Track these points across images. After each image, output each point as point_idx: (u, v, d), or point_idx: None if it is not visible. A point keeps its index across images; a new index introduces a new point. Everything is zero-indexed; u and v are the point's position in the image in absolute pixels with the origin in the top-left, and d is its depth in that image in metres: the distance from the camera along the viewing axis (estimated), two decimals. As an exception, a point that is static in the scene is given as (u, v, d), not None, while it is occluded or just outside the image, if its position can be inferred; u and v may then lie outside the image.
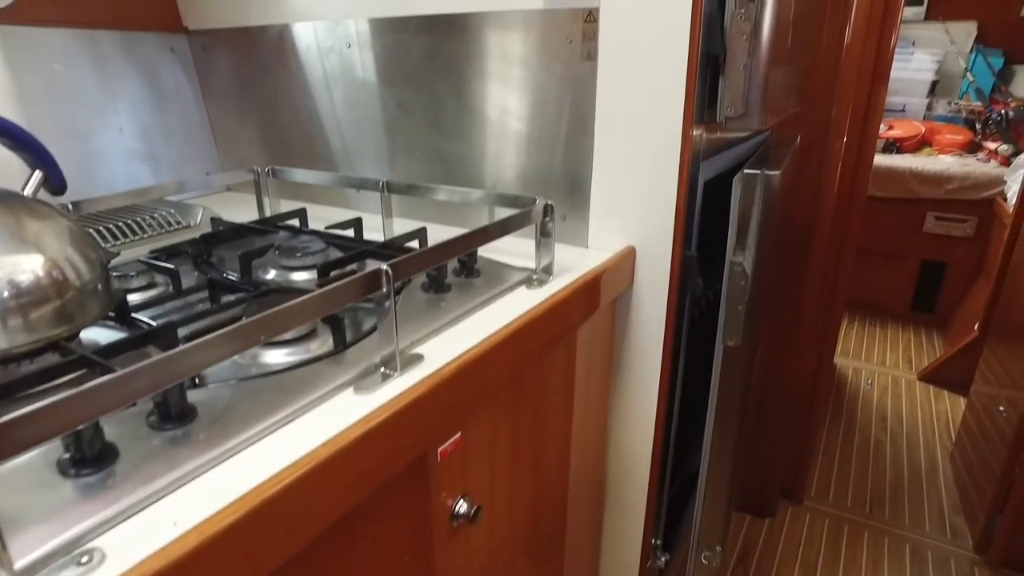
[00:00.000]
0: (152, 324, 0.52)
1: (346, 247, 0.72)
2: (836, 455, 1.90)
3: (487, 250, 0.67)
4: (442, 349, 0.52)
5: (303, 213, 0.83)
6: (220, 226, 0.80)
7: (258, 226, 0.79)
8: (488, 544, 0.64)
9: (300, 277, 0.67)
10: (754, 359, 0.92)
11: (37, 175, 0.55)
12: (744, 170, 0.74)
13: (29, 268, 0.45)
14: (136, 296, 0.62)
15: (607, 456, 0.89)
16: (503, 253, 0.72)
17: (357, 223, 0.79)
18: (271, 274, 0.68)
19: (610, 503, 0.92)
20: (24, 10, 0.86)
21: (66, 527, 0.32)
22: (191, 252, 0.71)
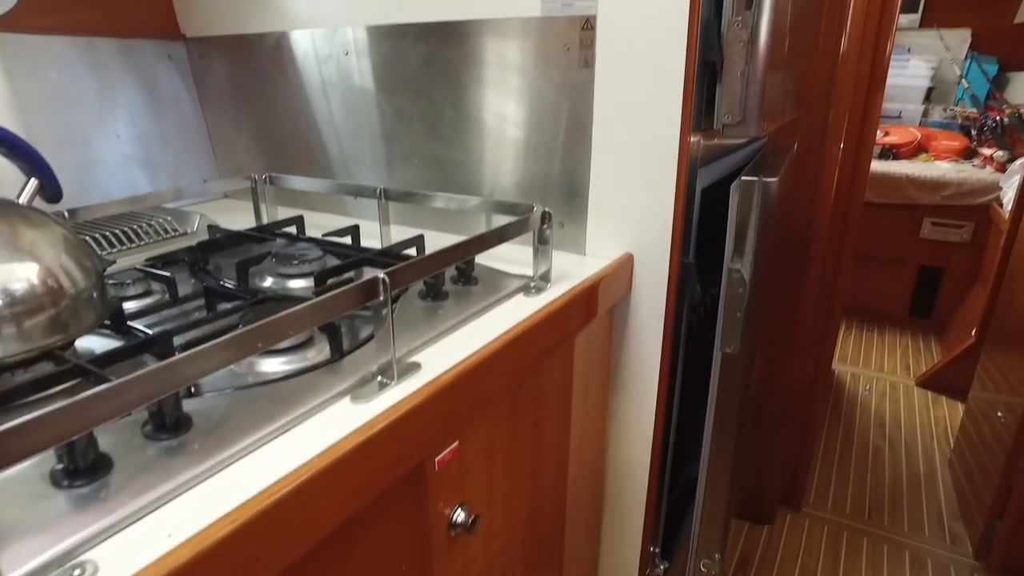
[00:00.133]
0: (148, 333, 0.51)
1: (343, 255, 0.71)
2: (835, 461, 1.90)
3: (485, 257, 0.67)
4: (440, 357, 0.52)
5: (300, 220, 0.82)
6: (217, 233, 0.79)
7: (255, 233, 0.79)
8: (486, 553, 0.63)
9: (297, 285, 0.67)
10: (752, 366, 0.92)
11: (32, 183, 0.55)
12: (741, 177, 0.74)
13: (23, 277, 0.45)
14: (132, 304, 0.62)
15: (605, 464, 0.89)
16: (501, 260, 0.72)
17: (354, 230, 0.79)
18: (268, 282, 0.67)
19: (608, 511, 0.92)
20: (21, 18, 0.86)
21: (59, 539, 0.31)
22: (188, 260, 0.71)
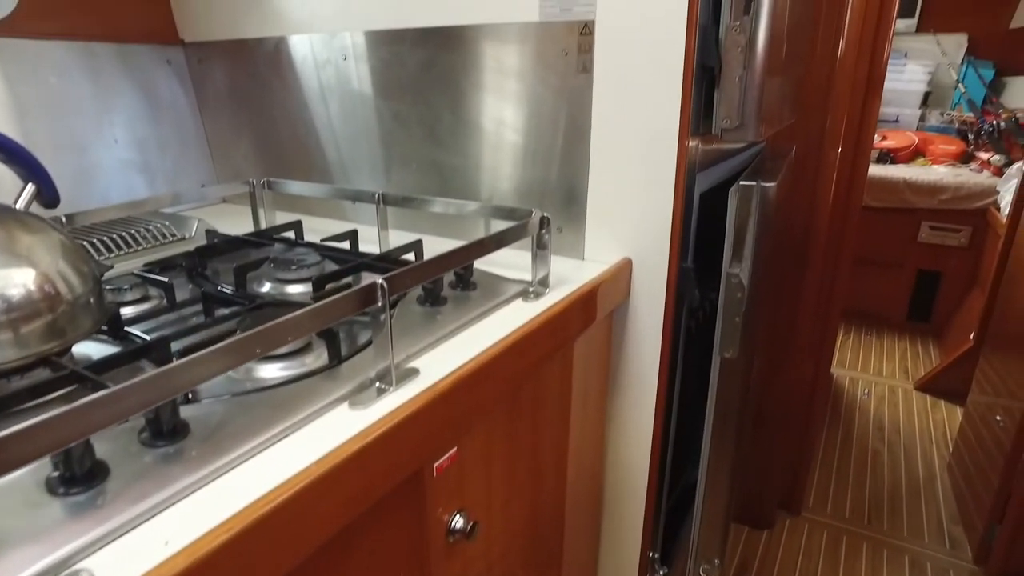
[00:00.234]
0: (145, 338, 0.51)
1: (342, 260, 0.71)
2: (834, 466, 1.89)
3: (483, 262, 0.67)
4: (438, 363, 0.51)
5: (299, 225, 0.82)
6: (215, 238, 0.79)
7: (253, 238, 0.79)
8: (485, 558, 0.63)
9: (295, 290, 0.67)
10: (751, 370, 0.91)
11: (30, 188, 0.55)
12: (740, 182, 0.74)
13: (20, 282, 0.45)
14: (129, 310, 0.61)
15: (604, 469, 0.89)
16: (499, 265, 0.72)
17: (353, 235, 0.79)
18: (266, 287, 0.67)
19: (608, 516, 0.91)
20: (20, 22, 0.86)
21: (54, 547, 0.31)
22: (185, 265, 0.71)
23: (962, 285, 2.50)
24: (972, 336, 2.06)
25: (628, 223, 0.75)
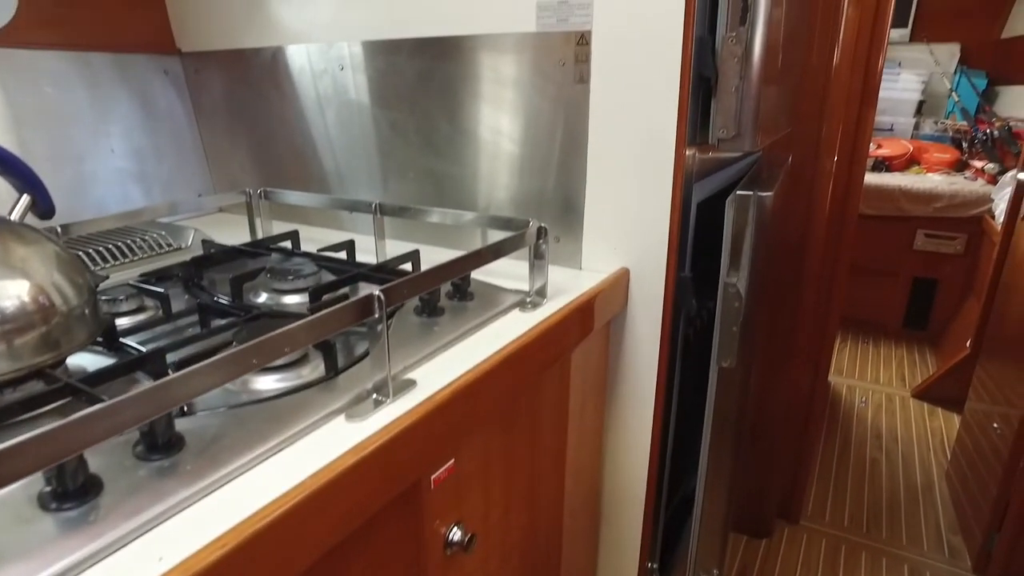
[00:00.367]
0: (141, 350, 0.51)
1: (338, 270, 0.71)
2: (832, 474, 1.89)
3: (480, 272, 0.67)
4: (435, 374, 0.51)
5: (295, 235, 0.82)
6: (211, 248, 0.79)
7: (250, 248, 0.78)
8: (483, 570, 0.63)
9: (292, 300, 0.66)
10: (749, 379, 0.91)
11: (25, 199, 0.54)
12: (737, 191, 0.74)
13: (14, 294, 0.44)
14: (125, 320, 0.61)
15: (602, 479, 0.88)
16: (496, 275, 0.72)
17: (350, 245, 0.78)
18: (262, 297, 0.67)
19: (606, 526, 0.91)
20: (17, 32, 0.86)
21: (46, 564, 0.31)
22: (181, 275, 0.70)
23: (958, 292, 2.51)
24: (969, 343, 2.06)
25: (625, 233, 0.75)
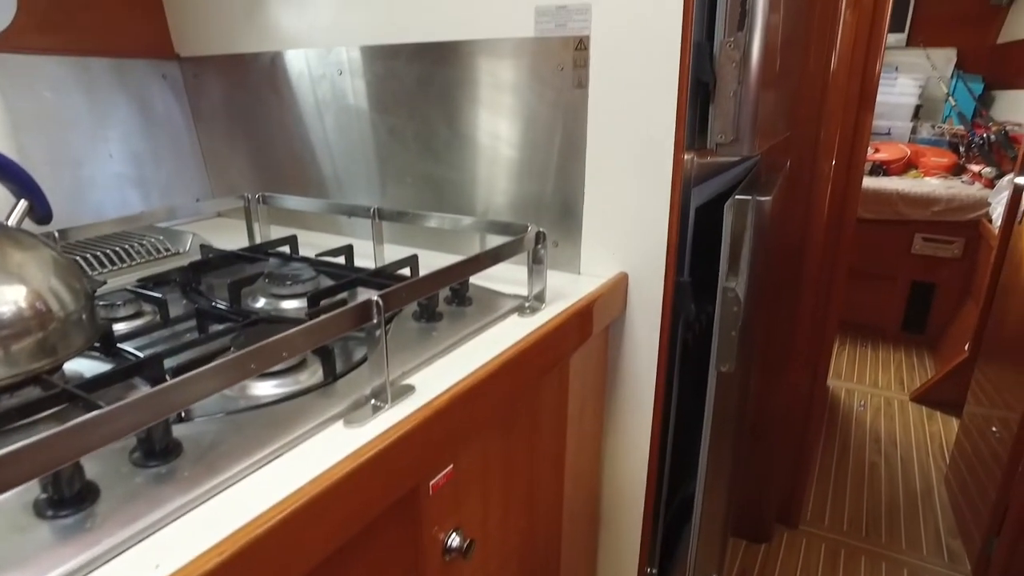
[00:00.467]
0: (138, 356, 0.51)
1: (337, 275, 0.71)
2: (831, 478, 1.89)
3: (479, 277, 0.67)
4: (434, 379, 0.51)
5: (294, 240, 0.82)
6: (209, 253, 0.79)
7: (248, 253, 0.78)
8: (482, 575, 0.62)
9: (290, 306, 0.66)
10: (748, 383, 0.91)
11: (22, 204, 0.54)
12: (735, 196, 0.74)
13: (11, 299, 0.44)
14: (122, 326, 0.61)
15: (601, 484, 0.88)
16: (495, 280, 0.72)
17: (348, 250, 0.78)
18: (261, 302, 0.67)
19: (605, 531, 0.91)
20: (15, 37, 0.86)
21: (42, 572, 0.30)
22: (179, 280, 0.70)
23: (956, 296, 2.51)
24: (967, 347, 2.06)
25: (624, 237, 0.75)
